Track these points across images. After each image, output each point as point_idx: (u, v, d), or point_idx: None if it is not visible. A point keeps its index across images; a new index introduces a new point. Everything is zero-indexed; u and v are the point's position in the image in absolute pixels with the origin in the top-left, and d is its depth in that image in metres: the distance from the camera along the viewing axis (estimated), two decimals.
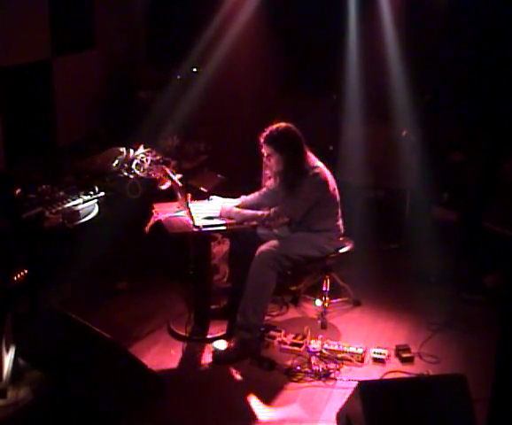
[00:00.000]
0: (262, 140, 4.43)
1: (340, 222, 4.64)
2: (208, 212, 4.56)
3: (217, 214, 4.52)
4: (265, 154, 4.50)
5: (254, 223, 4.48)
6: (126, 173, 5.04)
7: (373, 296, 5.12)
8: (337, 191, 4.59)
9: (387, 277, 5.44)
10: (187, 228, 4.37)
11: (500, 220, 5.16)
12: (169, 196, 4.85)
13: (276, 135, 4.40)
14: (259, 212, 4.52)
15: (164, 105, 5.64)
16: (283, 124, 4.44)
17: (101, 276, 4.85)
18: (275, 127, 4.43)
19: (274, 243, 4.43)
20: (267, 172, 4.80)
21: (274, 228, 4.61)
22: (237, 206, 4.65)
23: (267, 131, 4.42)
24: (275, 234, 4.62)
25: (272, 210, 4.47)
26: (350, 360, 4.30)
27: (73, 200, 4.49)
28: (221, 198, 4.78)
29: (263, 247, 4.40)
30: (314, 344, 4.40)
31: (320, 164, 4.51)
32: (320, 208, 4.49)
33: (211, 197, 4.84)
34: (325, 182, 4.48)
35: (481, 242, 5.27)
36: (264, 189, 4.83)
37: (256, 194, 4.80)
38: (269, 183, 4.81)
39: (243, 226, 4.47)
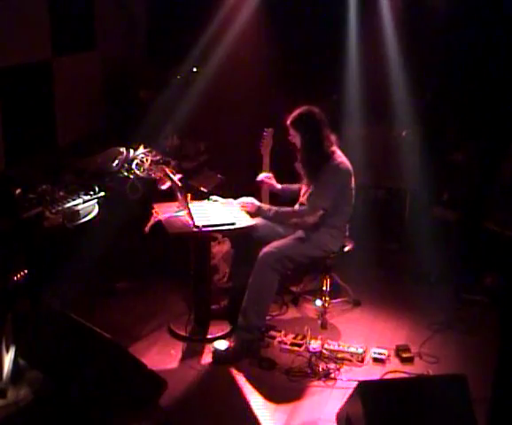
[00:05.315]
0: (288, 122, 4.51)
1: (347, 225, 4.66)
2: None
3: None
4: (291, 138, 4.55)
5: (294, 221, 4.52)
6: (126, 173, 5.02)
7: (373, 296, 5.12)
8: (354, 191, 4.59)
9: (387, 277, 5.45)
10: (187, 228, 4.37)
11: (500, 220, 5.16)
12: (169, 196, 4.85)
13: (297, 116, 4.50)
14: (296, 207, 4.59)
15: (164, 105, 5.63)
16: (305, 106, 4.52)
17: (101, 276, 4.85)
18: (298, 109, 4.50)
19: (276, 244, 4.43)
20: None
21: (310, 227, 4.50)
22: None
23: (292, 113, 4.50)
24: (276, 233, 4.61)
25: (304, 206, 4.53)
26: (350, 360, 4.30)
27: (73, 200, 4.48)
28: (221, 198, 4.78)
29: (266, 248, 4.39)
30: (314, 344, 4.40)
31: (345, 158, 4.56)
32: (336, 200, 4.49)
33: (211, 197, 4.84)
34: (348, 172, 4.52)
35: (481, 242, 5.27)
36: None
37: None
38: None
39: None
